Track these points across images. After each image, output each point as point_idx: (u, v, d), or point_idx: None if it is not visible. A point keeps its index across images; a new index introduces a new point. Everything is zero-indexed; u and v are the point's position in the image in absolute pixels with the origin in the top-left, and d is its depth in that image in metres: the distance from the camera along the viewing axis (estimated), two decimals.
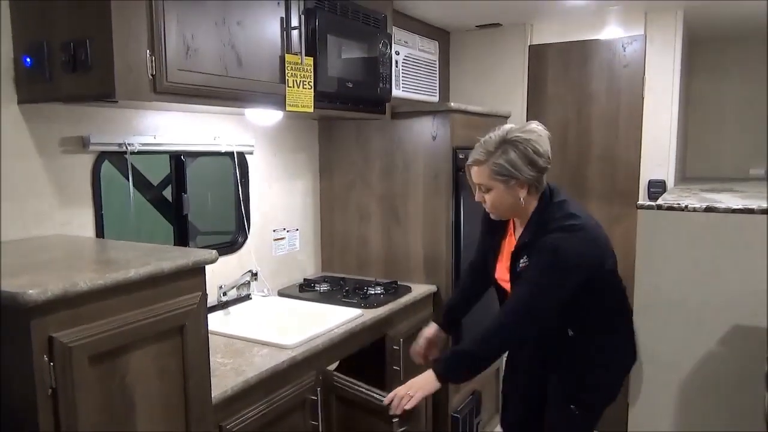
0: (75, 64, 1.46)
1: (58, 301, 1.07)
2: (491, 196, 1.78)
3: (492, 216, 1.87)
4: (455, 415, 2.65)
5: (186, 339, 1.34)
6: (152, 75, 1.50)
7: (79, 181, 1.79)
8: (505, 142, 1.72)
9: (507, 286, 1.88)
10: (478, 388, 2.87)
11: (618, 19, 2.97)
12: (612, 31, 2.99)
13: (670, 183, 2.90)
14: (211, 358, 1.48)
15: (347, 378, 1.89)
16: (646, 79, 2.91)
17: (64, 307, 1.09)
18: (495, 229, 1.95)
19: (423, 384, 1.74)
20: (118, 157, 1.91)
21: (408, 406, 1.72)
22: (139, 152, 1.93)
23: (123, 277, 1.18)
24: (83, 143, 1.78)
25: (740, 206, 1.74)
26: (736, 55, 3.35)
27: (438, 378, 1.73)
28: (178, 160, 2.15)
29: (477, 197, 1.84)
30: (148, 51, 1.49)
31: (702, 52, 3.41)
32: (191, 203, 2.20)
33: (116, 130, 1.88)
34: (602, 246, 1.75)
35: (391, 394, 1.76)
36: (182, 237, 2.19)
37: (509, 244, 1.89)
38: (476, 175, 1.79)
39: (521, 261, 1.78)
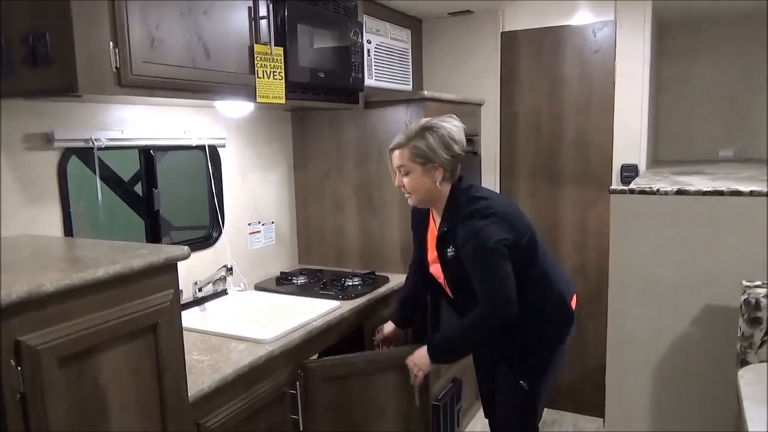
0: (35, 58, 1.40)
1: (24, 303, 1.04)
2: (410, 179, 1.93)
3: (410, 202, 2.01)
4: (436, 402, 2.66)
5: (159, 337, 1.32)
6: (116, 68, 1.46)
7: (45, 179, 1.75)
8: (424, 129, 1.90)
9: (440, 279, 2.04)
10: (458, 375, 2.89)
11: (588, 5, 2.98)
12: (582, 17, 3.00)
13: (642, 167, 2.94)
14: (187, 356, 1.46)
15: (326, 357, 1.90)
16: (617, 64, 2.93)
17: (30, 309, 1.06)
18: (420, 223, 2.12)
19: (422, 364, 1.97)
20: (86, 153, 1.86)
21: (418, 384, 2.02)
22: (107, 148, 1.89)
23: (91, 276, 1.15)
24: (48, 139, 1.73)
25: (710, 188, 1.76)
26: (704, 38, 3.38)
27: (431, 360, 1.96)
28: (148, 154, 2.10)
29: (396, 182, 1.98)
30: (111, 43, 1.44)
31: (671, 36, 3.44)
32: (163, 198, 2.15)
33: (82, 126, 1.83)
34: (513, 226, 1.87)
35: (409, 363, 1.99)
36: (154, 233, 2.15)
37: (432, 234, 2.04)
38: (397, 157, 1.94)
39: (448, 250, 1.93)
